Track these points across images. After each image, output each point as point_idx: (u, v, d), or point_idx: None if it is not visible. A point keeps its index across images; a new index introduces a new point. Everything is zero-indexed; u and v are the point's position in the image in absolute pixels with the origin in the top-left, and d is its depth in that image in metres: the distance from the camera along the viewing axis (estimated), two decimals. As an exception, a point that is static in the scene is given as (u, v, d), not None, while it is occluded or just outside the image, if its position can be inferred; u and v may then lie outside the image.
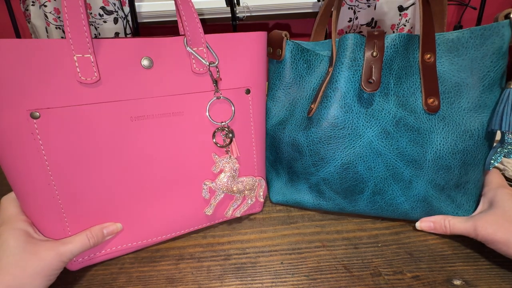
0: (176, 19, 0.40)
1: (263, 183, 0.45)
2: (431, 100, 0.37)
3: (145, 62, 0.34)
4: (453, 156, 0.37)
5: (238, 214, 0.43)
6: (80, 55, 0.30)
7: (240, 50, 0.38)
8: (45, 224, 0.34)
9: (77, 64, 0.30)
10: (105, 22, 0.71)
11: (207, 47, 0.36)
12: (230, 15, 0.73)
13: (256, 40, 0.39)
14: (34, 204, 0.33)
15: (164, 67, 0.35)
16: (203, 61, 0.36)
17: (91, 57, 0.30)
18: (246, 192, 0.43)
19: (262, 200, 0.45)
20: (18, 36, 0.71)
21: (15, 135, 0.30)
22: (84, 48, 0.30)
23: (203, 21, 0.78)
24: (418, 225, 0.40)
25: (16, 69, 0.28)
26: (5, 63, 0.27)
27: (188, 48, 0.35)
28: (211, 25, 0.84)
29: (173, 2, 0.35)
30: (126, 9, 0.71)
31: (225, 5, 0.73)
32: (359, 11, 0.74)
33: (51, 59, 0.29)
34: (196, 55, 0.36)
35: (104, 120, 0.33)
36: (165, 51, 0.34)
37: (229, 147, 0.40)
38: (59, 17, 0.69)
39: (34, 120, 0.30)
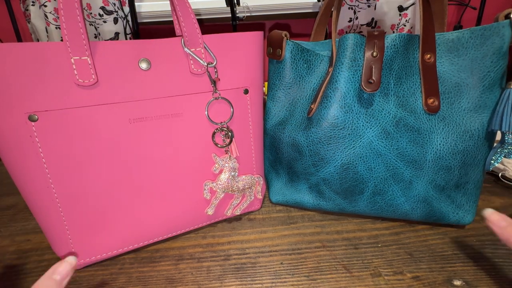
0: (175, 19, 0.40)
1: (261, 180, 0.45)
2: (431, 100, 0.37)
3: (143, 64, 0.34)
4: (453, 156, 0.37)
5: (238, 212, 0.44)
6: (78, 58, 0.30)
7: (238, 50, 0.38)
8: (45, 223, 0.34)
9: (74, 67, 0.30)
10: (105, 22, 0.70)
11: (204, 47, 0.36)
12: (230, 15, 0.73)
13: (253, 40, 0.39)
14: (34, 203, 0.33)
15: (162, 68, 0.35)
16: (201, 61, 0.36)
17: (88, 59, 0.30)
18: (246, 190, 0.43)
19: (260, 197, 0.45)
20: (18, 36, 0.71)
21: (13, 137, 0.30)
22: (81, 51, 0.30)
23: (200, 21, 0.78)
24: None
25: (14, 73, 0.28)
26: (3, 66, 0.28)
27: (185, 49, 0.35)
28: (210, 25, 0.84)
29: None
30: (126, 9, 0.71)
31: (224, 5, 0.73)
32: (359, 11, 0.74)
33: (49, 62, 0.29)
34: (194, 55, 0.36)
35: (103, 122, 0.33)
36: (162, 52, 0.34)
37: (228, 147, 0.40)
38: (59, 17, 0.69)
39: (32, 123, 0.30)
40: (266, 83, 0.47)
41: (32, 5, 0.68)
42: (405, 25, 0.76)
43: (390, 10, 0.74)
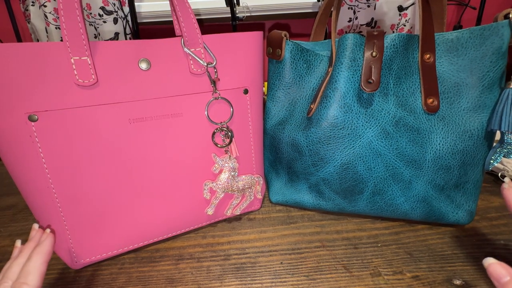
0: (175, 19, 0.40)
1: (261, 180, 0.45)
2: (431, 100, 0.37)
3: (142, 64, 0.34)
4: (452, 156, 0.37)
5: (238, 211, 0.44)
6: (77, 58, 0.30)
7: (237, 50, 0.38)
8: (45, 222, 0.34)
9: (74, 67, 0.30)
10: (104, 22, 0.70)
11: (204, 47, 0.36)
12: (229, 15, 0.73)
13: (253, 40, 0.39)
14: (34, 203, 0.33)
15: (162, 68, 0.35)
16: (200, 61, 0.36)
17: (88, 59, 0.31)
18: (246, 190, 0.43)
19: (260, 197, 0.45)
20: (18, 36, 0.71)
21: (13, 137, 0.30)
22: (81, 51, 0.30)
23: (200, 21, 0.78)
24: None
25: (14, 73, 0.28)
26: (3, 67, 0.28)
27: (185, 49, 0.35)
28: (210, 25, 0.84)
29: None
30: (126, 9, 0.71)
31: (224, 5, 0.73)
32: (358, 11, 0.74)
33: (49, 62, 0.29)
34: (194, 55, 0.36)
35: (102, 122, 0.33)
36: (162, 52, 0.34)
37: (228, 147, 0.40)
38: (59, 17, 0.69)
39: (32, 123, 0.30)
40: (265, 83, 0.47)
41: (32, 5, 0.68)
42: (404, 25, 0.76)
43: (390, 10, 0.74)
